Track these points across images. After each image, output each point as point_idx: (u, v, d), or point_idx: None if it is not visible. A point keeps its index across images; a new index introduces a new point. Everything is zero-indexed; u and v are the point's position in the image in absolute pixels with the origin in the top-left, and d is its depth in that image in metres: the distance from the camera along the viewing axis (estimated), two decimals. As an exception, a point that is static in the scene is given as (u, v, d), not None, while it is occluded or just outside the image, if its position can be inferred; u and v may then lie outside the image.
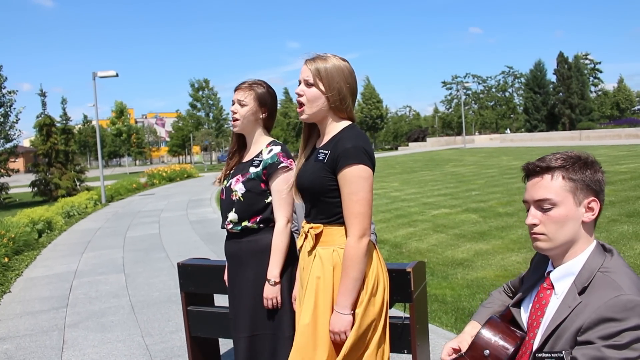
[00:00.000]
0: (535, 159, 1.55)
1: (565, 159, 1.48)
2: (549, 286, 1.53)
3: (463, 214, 9.56)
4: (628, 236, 6.66)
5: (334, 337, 2.01)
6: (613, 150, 22.51)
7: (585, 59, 68.27)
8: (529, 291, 1.63)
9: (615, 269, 1.42)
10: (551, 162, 1.49)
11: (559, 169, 1.47)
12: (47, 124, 22.75)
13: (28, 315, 5.52)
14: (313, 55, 2.10)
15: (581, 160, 1.48)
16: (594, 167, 1.49)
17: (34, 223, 10.99)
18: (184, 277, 3.29)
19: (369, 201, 1.99)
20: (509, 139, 48.24)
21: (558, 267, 1.51)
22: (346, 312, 1.99)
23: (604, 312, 1.32)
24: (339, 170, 1.98)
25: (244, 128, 2.61)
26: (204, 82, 58.19)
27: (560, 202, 1.46)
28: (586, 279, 1.43)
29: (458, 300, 4.88)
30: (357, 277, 1.98)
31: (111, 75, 18.05)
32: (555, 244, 1.48)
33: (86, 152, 72.00)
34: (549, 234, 1.48)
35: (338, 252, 2.04)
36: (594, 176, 1.47)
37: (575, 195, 1.46)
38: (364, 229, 1.97)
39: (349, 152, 1.97)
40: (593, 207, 1.47)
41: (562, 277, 1.50)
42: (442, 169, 21.54)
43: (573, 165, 1.47)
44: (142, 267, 7.45)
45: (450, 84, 79.36)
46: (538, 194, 1.49)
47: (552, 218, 1.47)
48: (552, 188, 1.47)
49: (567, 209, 1.46)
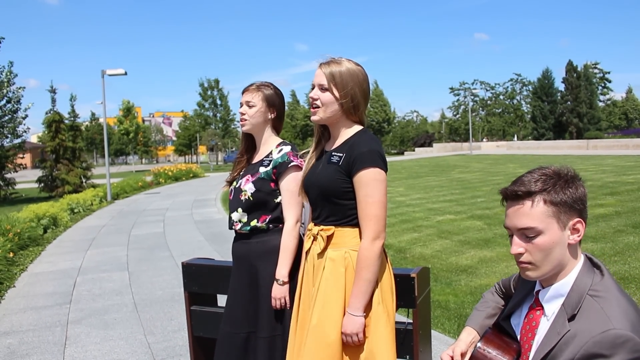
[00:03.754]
0: (511, 181, 1.47)
1: (545, 181, 1.40)
2: (539, 307, 1.49)
3: (468, 220, 9.53)
4: (634, 247, 6.61)
5: (347, 339, 2.01)
6: (620, 160, 22.40)
7: (594, 68, 68.03)
8: (518, 306, 1.61)
9: (604, 292, 1.37)
10: (530, 185, 1.40)
11: (539, 193, 1.39)
12: (56, 121, 22.87)
13: (31, 311, 5.54)
14: (328, 59, 2.11)
15: (561, 178, 1.40)
16: (574, 184, 1.41)
17: (39, 219, 11.04)
18: (188, 277, 3.29)
19: (384, 204, 2.02)
20: (516, 147, 48.12)
21: (546, 287, 1.47)
22: (359, 314, 2.00)
23: (591, 348, 1.28)
24: (355, 173, 2.01)
25: (253, 129, 2.61)
26: (214, 82, 58.28)
27: (544, 229, 1.38)
28: (575, 303, 1.38)
29: (461, 307, 4.86)
30: (370, 279, 2.00)
31: (120, 74, 18.14)
32: (544, 271, 1.42)
33: (93, 150, 72.22)
34: (536, 262, 1.41)
35: (350, 253, 2.05)
36: (576, 194, 1.40)
37: (560, 219, 1.39)
38: (378, 231, 2.00)
39: (365, 156, 2.00)
40: (578, 228, 1.41)
41: (552, 298, 1.45)
42: (448, 175, 21.49)
43: (554, 186, 1.39)
44: (146, 265, 7.46)
45: (457, 90, 79.18)
46: (521, 222, 1.41)
47: (538, 246, 1.40)
48: (534, 215, 1.38)
49: (552, 236, 1.39)
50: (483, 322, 1.75)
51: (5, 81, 21.17)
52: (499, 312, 1.77)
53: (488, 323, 1.74)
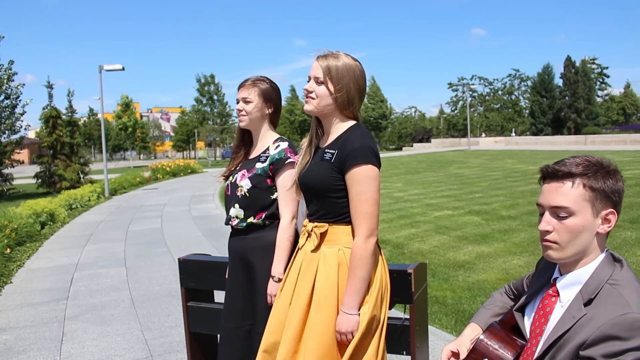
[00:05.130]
0: (552, 162, 1.48)
1: (587, 166, 1.41)
2: (555, 293, 1.49)
3: (466, 216, 9.54)
4: (631, 242, 6.62)
5: (341, 338, 2.00)
6: (618, 155, 22.41)
7: (592, 64, 68.00)
8: (534, 296, 1.59)
9: (624, 282, 1.37)
10: (572, 167, 1.41)
11: (580, 176, 1.40)
12: (53, 116, 22.75)
13: (28, 307, 5.53)
14: (325, 52, 2.09)
15: (603, 168, 1.41)
16: (615, 176, 1.41)
17: (37, 214, 11.01)
18: (184, 273, 3.28)
19: (377, 201, 1.99)
20: (514, 142, 48.08)
21: (565, 274, 1.47)
22: (353, 312, 1.98)
23: (608, 330, 1.27)
24: (347, 170, 1.98)
25: (250, 124, 2.60)
26: (210, 77, 58.39)
27: (577, 211, 1.39)
28: (593, 290, 1.38)
29: (459, 303, 4.86)
30: (364, 277, 1.98)
31: (117, 69, 18.10)
32: (567, 254, 1.43)
33: (91, 145, 72.09)
34: (561, 242, 1.42)
35: (344, 251, 2.04)
36: (615, 186, 1.41)
37: (594, 205, 1.40)
38: (371, 228, 1.97)
39: (357, 152, 1.97)
40: (610, 219, 1.42)
41: (569, 285, 1.45)
42: (446, 170, 21.50)
43: (595, 173, 1.40)
44: (144, 261, 7.45)
45: (456, 86, 79.14)
46: (556, 200, 1.42)
47: (567, 227, 1.41)
48: (571, 196, 1.40)
49: (583, 219, 1.40)
50: (489, 320, 1.74)
51: (5, 78, 21.10)
52: (506, 312, 1.76)
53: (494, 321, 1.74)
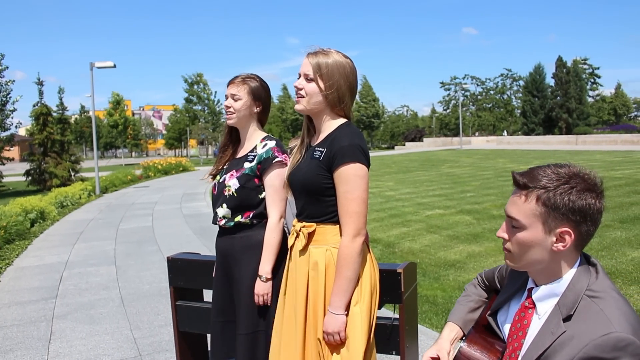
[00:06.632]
0: (527, 167, 1.44)
1: (551, 179, 1.33)
2: (531, 305, 1.45)
3: (457, 215, 9.55)
4: (621, 242, 6.66)
5: (328, 338, 1.98)
6: (609, 155, 22.56)
7: (583, 64, 68.31)
8: (506, 302, 1.57)
9: (602, 294, 1.32)
10: (533, 179, 1.35)
11: (537, 190, 1.34)
12: (44, 113, 22.65)
13: (16, 305, 5.48)
14: (315, 49, 2.07)
15: (571, 184, 1.32)
16: (584, 195, 1.32)
17: (27, 212, 10.93)
18: (173, 272, 3.26)
19: (365, 200, 1.97)
20: (506, 142, 48.28)
21: (540, 286, 1.43)
22: (340, 312, 1.96)
23: (592, 351, 1.24)
24: (335, 168, 1.96)
25: (238, 122, 2.58)
26: (197, 76, 58.27)
27: (528, 225, 1.35)
28: (571, 303, 1.33)
29: (449, 302, 4.86)
30: (351, 277, 1.96)
31: (109, 66, 17.99)
32: (521, 264, 1.41)
33: (82, 143, 71.62)
34: (513, 253, 1.41)
35: (331, 251, 2.02)
36: (577, 204, 1.31)
37: (546, 222, 1.33)
38: (358, 228, 1.95)
39: (345, 150, 1.94)
40: (565, 238, 1.34)
41: (545, 297, 1.41)
42: (438, 169, 21.54)
43: (556, 188, 1.32)
44: (134, 259, 7.41)
45: (448, 85, 79.30)
46: (509, 210, 1.40)
47: (518, 239, 1.38)
48: (522, 209, 1.36)
49: (532, 235, 1.36)
50: (466, 317, 1.72)
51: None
52: (482, 305, 1.75)
53: (471, 317, 1.72)
